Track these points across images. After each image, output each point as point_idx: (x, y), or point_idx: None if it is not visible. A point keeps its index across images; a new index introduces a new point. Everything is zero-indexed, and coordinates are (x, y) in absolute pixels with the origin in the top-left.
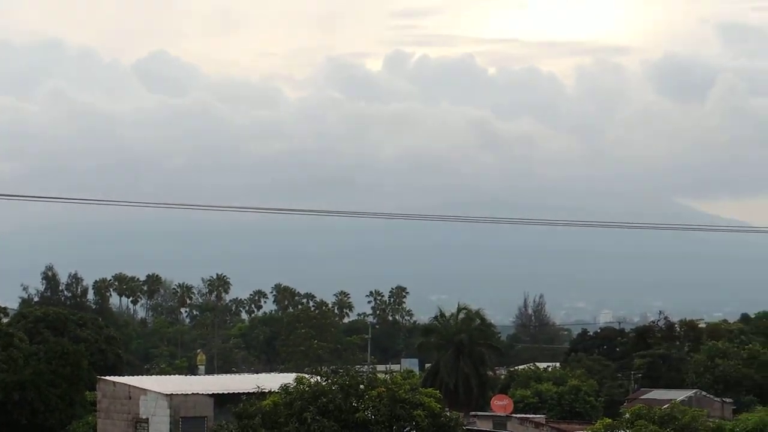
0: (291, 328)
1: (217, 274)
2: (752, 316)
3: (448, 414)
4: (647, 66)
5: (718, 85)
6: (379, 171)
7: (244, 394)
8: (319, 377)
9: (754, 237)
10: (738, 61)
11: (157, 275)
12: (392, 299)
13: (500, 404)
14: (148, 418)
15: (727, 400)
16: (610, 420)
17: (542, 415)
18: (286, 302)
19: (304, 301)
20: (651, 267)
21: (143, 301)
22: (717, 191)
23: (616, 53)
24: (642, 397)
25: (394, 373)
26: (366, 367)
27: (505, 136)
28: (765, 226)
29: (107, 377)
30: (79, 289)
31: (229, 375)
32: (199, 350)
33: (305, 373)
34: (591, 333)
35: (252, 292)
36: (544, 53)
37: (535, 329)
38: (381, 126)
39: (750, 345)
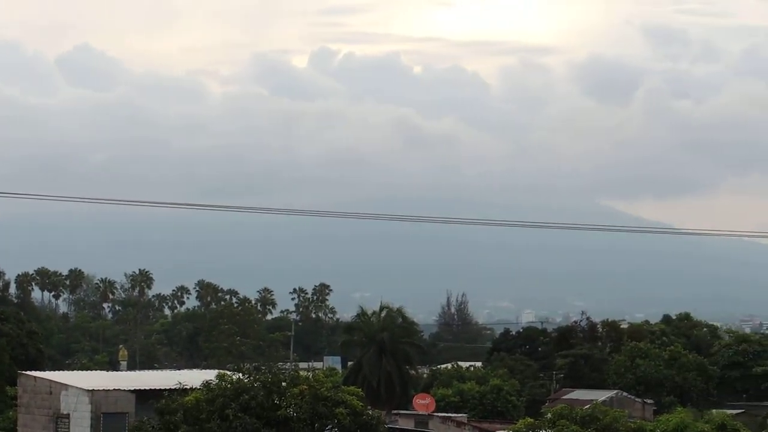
0: (214, 324)
1: (139, 270)
2: (674, 317)
3: (370, 412)
4: (572, 67)
5: (642, 86)
6: (305, 167)
7: (166, 390)
8: (241, 374)
9: (676, 238)
10: (662, 63)
11: (79, 270)
12: (315, 296)
13: (422, 403)
14: (69, 414)
15: (648, 400)
16: (531, 420)
17: (464, 414)
18: (209, 298)
19: (227, 297)
20: (575, 267)
21: (65, 295)
22: (640, 192)
23: (541, 54)
24: (564, 397)
25: (317, 371)
26: (288, 364)
27: (430, 135)
28: (686, 227)
29: (28, 372)
30: (0, 283)
31: (151, 371)
32: (121, 346)
33: (228, 369)
34: (513, 333)
35: (175, 288)
36: (469, 53)
37: (458, 328)
38: (307, 122)
39: (671, 346)
